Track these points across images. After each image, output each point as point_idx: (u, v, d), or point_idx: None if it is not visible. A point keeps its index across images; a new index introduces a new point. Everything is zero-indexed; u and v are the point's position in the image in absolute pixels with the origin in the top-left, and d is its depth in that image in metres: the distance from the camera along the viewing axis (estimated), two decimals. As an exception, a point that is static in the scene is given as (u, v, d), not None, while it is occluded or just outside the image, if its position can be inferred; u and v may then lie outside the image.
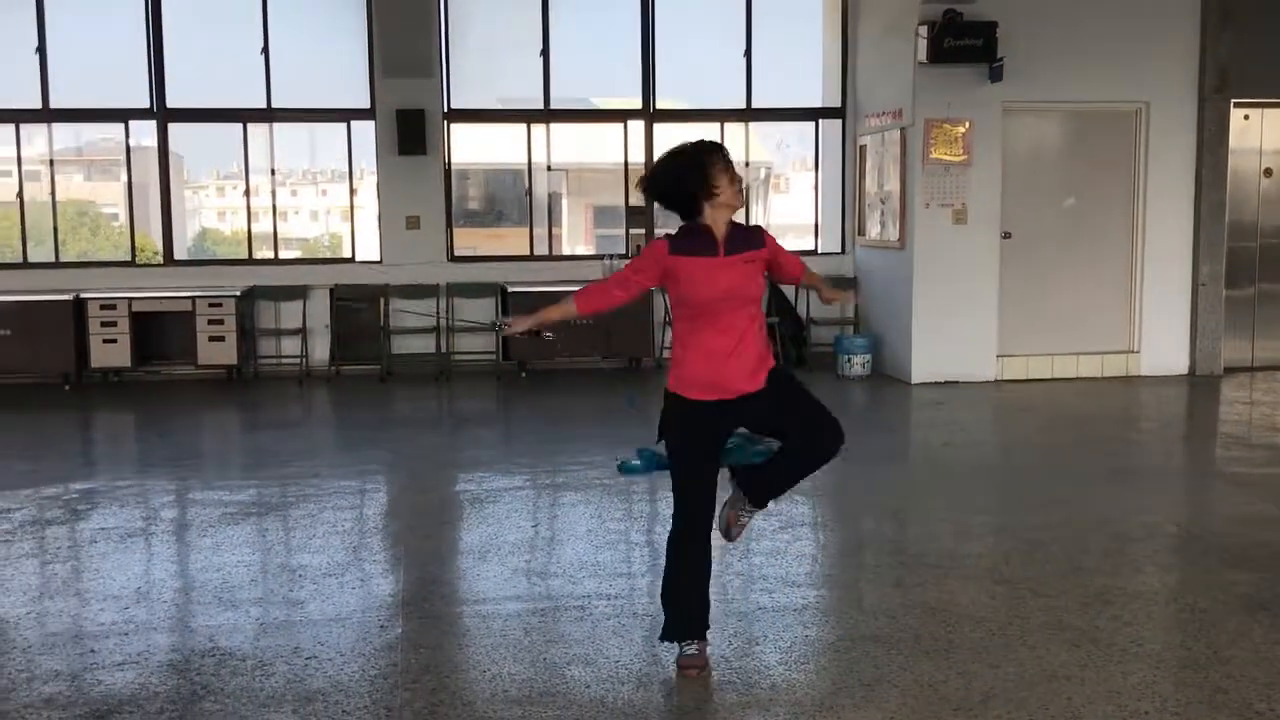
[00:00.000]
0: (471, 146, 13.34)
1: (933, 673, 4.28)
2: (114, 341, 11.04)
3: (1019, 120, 11.07)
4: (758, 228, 4.45)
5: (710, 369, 4.21)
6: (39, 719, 3.98)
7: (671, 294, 4.28)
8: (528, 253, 12.55)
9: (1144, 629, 4.78)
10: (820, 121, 12.80)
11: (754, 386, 4.23)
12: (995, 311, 11.07)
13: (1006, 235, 11.07)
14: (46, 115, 11.81)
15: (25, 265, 11.89)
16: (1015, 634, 4.66)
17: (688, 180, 4.17)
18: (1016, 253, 11.09)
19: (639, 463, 4.54)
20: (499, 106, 12.82)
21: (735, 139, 12.75)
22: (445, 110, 12.08)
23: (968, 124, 10.84)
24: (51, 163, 12.08)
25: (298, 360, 11.74)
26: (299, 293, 11.77)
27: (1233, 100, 11.17)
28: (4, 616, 5.06)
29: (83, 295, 11.10)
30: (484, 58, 12.42)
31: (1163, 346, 11.36)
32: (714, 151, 4.22)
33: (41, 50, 11.61)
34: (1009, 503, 7.01)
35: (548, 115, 12.41)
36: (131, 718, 3.99)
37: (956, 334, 10.97)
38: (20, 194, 11.93)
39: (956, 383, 10.95)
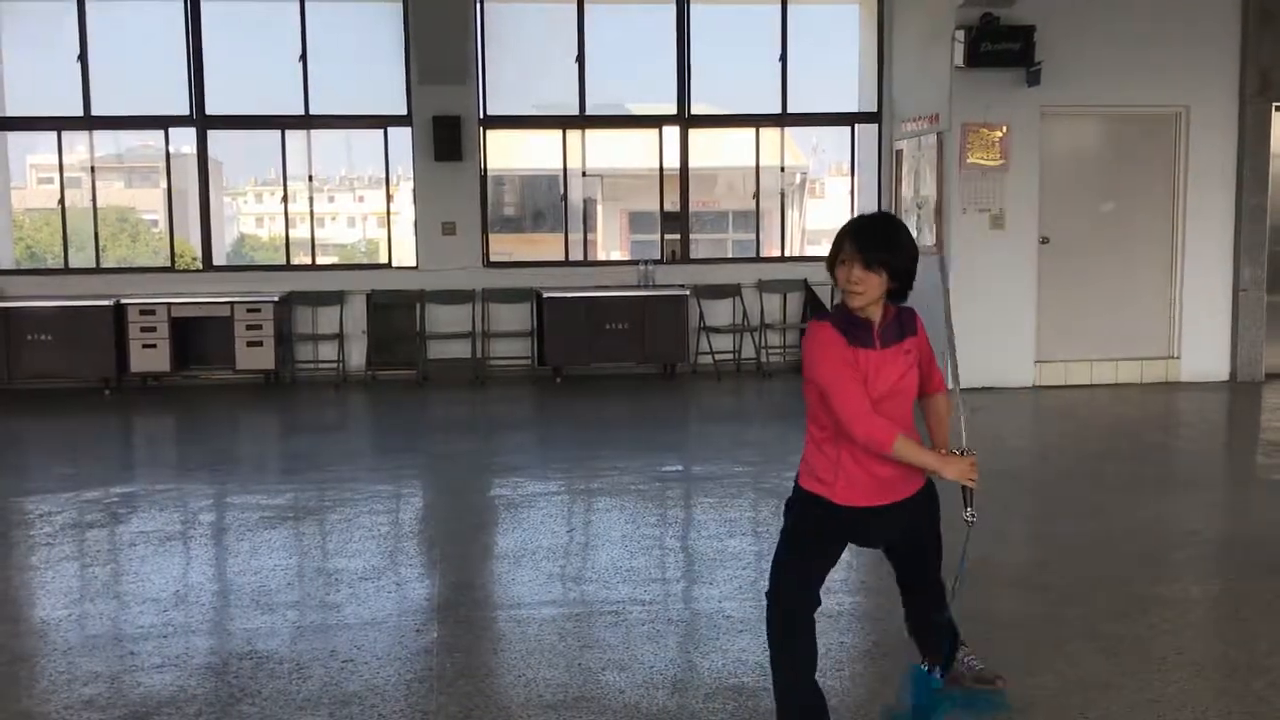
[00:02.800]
0: (507, 153, 13.40)
1: (969, 680, 4.25)
2: (153, 347, 11.14)
3: (1057, 124, 10.99)
4: (910, 310, 3.79)
5: (870, 472, 3.64)
6: (79, 720, 4.02)
7: None
8: (563, 258, 12.56)
9: (1183, 637, 4.73)
10: (856, 126, 12.76)
11: (908, 492, 3.76)
12: (1033, 317, 10.99)
13: (1044, 240, 10.99)
14: (88, 122, 11.94)
15: (66, 271, 12.02)
16: (1052, 642, 4.62)
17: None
18: (1055, 258, 11.01)
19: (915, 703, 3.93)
20: (534, 113, 12.86)
21: (770, 144, 12.75)
22: (481, 116, 12.12)
23: (1005, 128, 10.77)
24: (93, 169, 12.22)
25: (335, 365, 11.81)
26: (336, 298, 11.84)
27: (1274, 103, 11.03)
28: (45, 619, 5.12)
29: (123, 301, 11.20)
30: (520, 64, 12.47)
31: (1203, 352, 11.24)
32: (849, 236, 3.64)
33: (83, 58, 11.74)
34: (1046, 510, 6.96)
35: (583, 121, 12.43)
36: (170, 719, 4.02)
37: (994, 340, 10.88)
38: (62, 200, 12.07)
39: (994, 389, 10.88)
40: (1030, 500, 7.24)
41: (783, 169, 12.98)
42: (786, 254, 13.22)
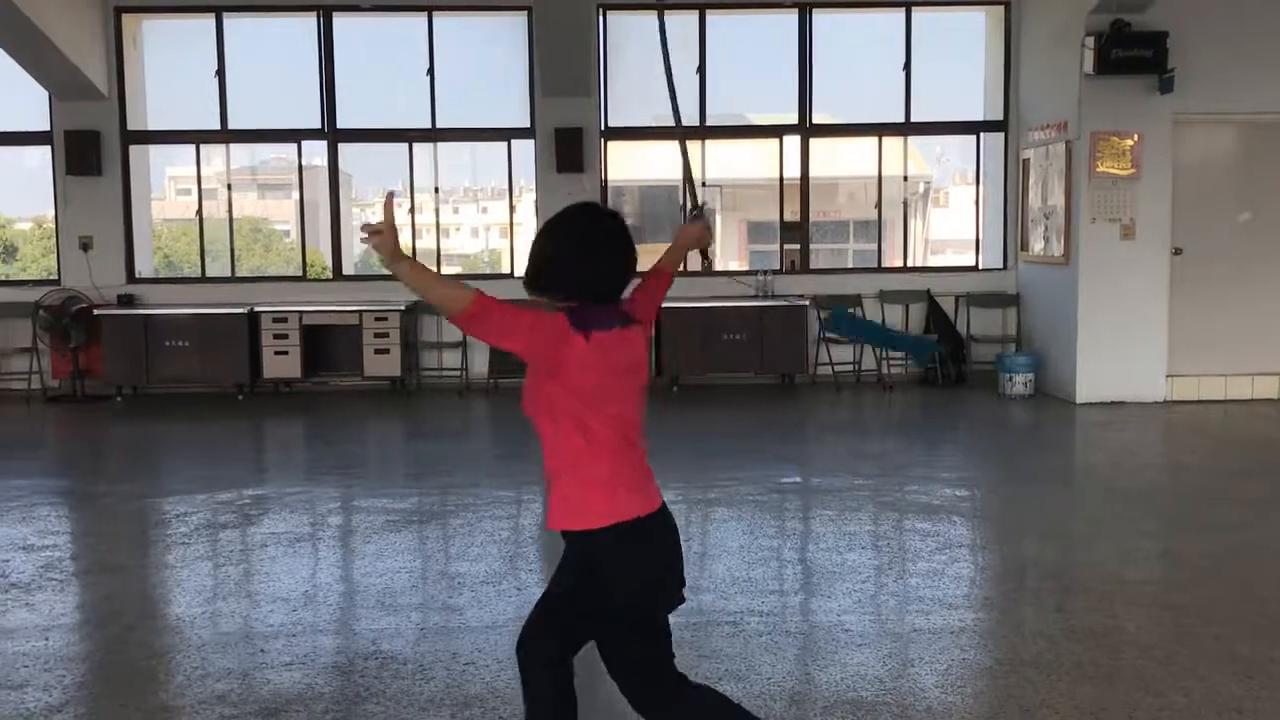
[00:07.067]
0: (627, 163, 13.48)
1: (1095, 700, 4.16)
2: (285, 354, 11.46)
3: (1191, 132, 10.70)
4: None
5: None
6: (211, 714, 4.15)
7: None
8: (681, 268, 12.56)
9: (1324, 663, 4.56)
10: (982, 135, 12.57)
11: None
12: (1165, 330, 10.70)
13: (1177, 251, 10.70)
14: (225, 136, 12.34)
15: (203, 280, 12.43)
16: (1183, 663, 4.49)
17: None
18: (1188, 269, 10.71)
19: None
20: (654, 124, 12.93)
21: (893, 153, 12.63)
22: (602, 128, 12.23)
23: (1136, 136, 10.52)
24: (230, 186, 12.59)
25: (458, 373, 12.01)
26: (460, 307, 12.01)
27: None
28: (180, 616, 5.30)
29: (256, 309, 11.56)
30: (640, 76, 12.54)
31: (1346, 367, 10.83)
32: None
33: (221, 74, 12.13)
34: (1177, 527, 6.77)
35: (703, 132, 12.45)
36: (298, 716, 4.13)
37: (1123, 353, 10.64)
38: (200, 211, 12.49)
39: (1123, 403, 10.62)
40: (1161, 517, 7.05)
41: (905, 178, 12.84)
42: (909, 264, 13.09)
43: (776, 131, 12.65)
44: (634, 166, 14.24)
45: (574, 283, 3.08)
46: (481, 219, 24.36)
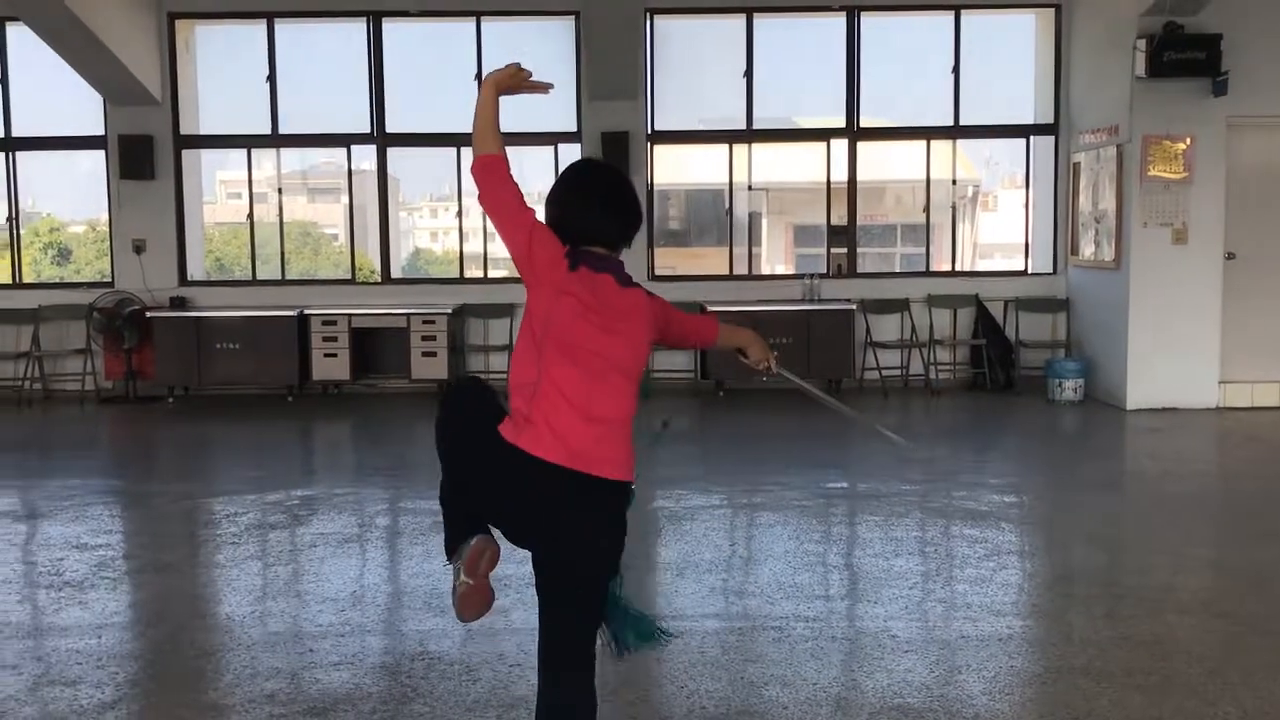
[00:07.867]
0: (673, 167, 13.48)
1: (1145, 709, 4.11)
2: (334, 356, 11.56)
3: (1245, 135, 10.56)
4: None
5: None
6: (261, 713, 4.19)
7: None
8: (727, 272, 12.59)
9: (1380, 674, 4.48)
10: (1031, 138, 12.47)
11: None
12: (1217, 335, 10.57)
13: (1230, 256, 10.57)
14: (275, 141, 12.46)
15: (254, 282, 12.56)
16: (1235, 672, 4.44)
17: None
18: (1241, 274, 10.57)
19: None
20: (701, 127, 12.92)
21: (941, 156, 12.54)
22: (649, 132, 12.24)
23: (1189, 140, 10.40)
24: (280, 190, 12.71)
25: (504, 376, 12.04)
26: (506, 311, 12.08)
27: None
28: (230, 615, 5.36)
29: (306, 312, 11.66)
30: (687, 80, 12.54)
31: (1405, 374, 10.64)
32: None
33: (271, 79, 12.26)
34: (1230, 536, 6.69)
35: (750, 135, 12.43)
36: (346, 716, 4.16)
37: (1175, 359, 10.52)
38: (250, 215, 12.62)
39: (1175, 409, 10.50)
40: (1212, 525, 6.97)
41: (954, 182, 12.76)
42: (957, 268, 13.00)
43: (824, 135, 12.61)
44: (680, 170, 14.23)
45: (566, 224, 3.24)
46: (528, 223, 24.43)
